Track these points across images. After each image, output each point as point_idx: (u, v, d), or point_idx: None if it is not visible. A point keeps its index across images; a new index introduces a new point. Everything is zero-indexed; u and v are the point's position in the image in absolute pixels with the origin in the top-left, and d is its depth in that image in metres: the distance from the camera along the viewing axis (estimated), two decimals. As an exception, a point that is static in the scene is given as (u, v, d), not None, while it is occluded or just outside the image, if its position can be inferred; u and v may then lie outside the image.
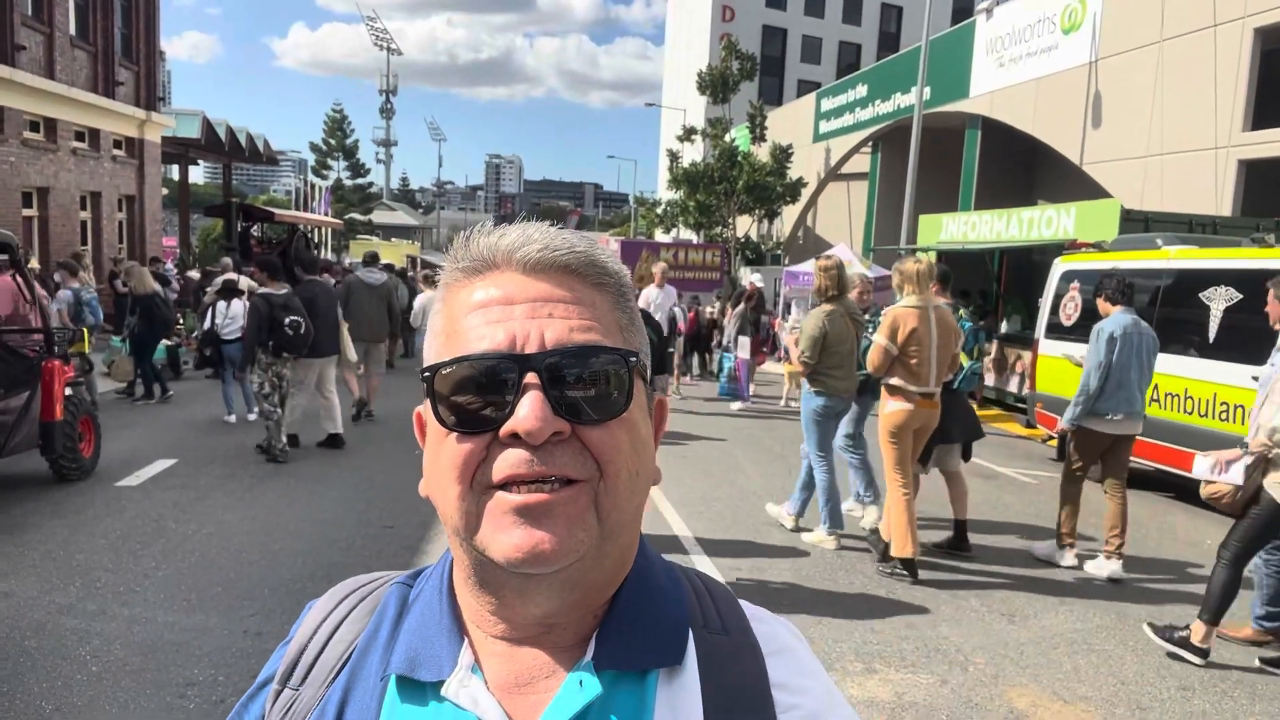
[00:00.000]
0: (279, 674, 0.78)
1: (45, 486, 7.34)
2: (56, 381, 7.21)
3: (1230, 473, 4.50)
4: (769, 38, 47.48)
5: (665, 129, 47.90)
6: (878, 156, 27.65)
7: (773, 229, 33.39)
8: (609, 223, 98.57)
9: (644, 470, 0.72)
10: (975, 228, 16.36)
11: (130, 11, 21.06)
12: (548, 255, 0.72)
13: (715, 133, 30.76)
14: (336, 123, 48.72)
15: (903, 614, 5.18)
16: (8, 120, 16.08)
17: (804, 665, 0.77)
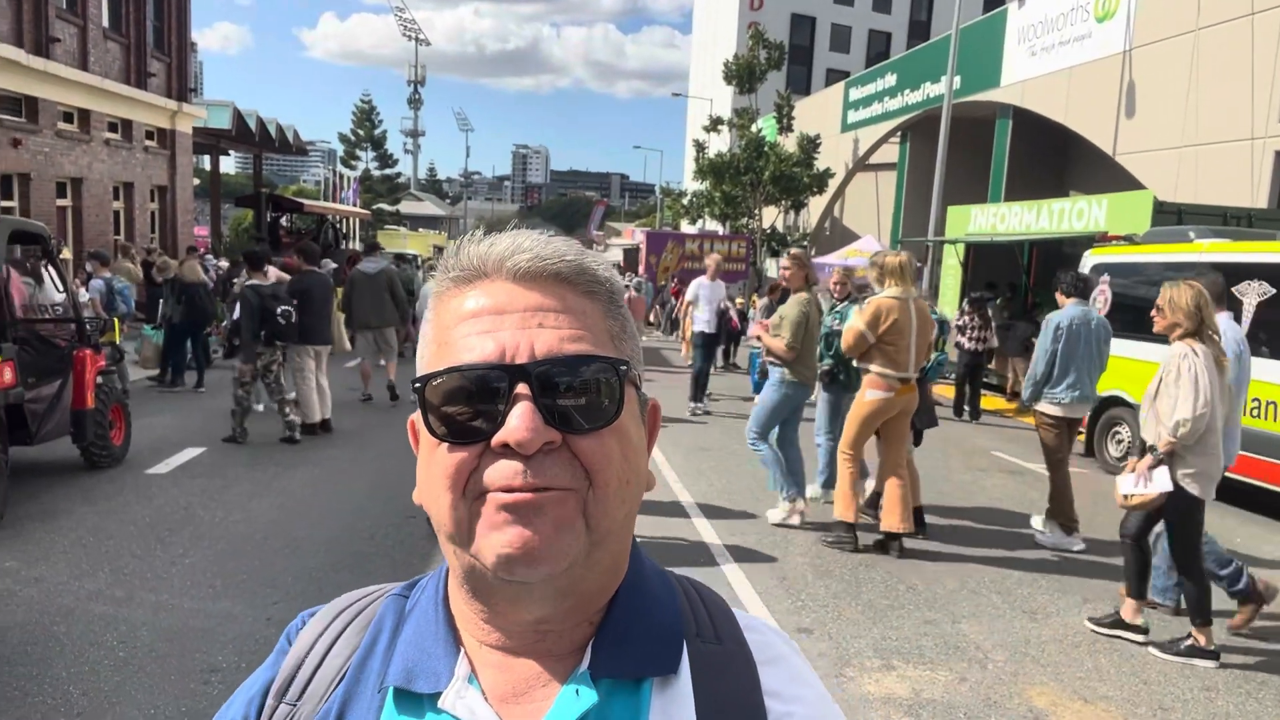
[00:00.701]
0: (275, 687, 0.77)
1: (77, 473, 7.48)
2: (88, 370, 7.34)
3: (1156, 481, 4.56)
4: (797, 26, 47.09)
5: (692, 119, 47.69)
6: (906, 147, 27.37)
7: (799, 220, 33.18)
8: (635, 213, 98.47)
9: (635, 479, 0.72)
10: (1004, 219, 16.16)
11: (162, 3, 21.29)
12: (538, 264, 0.71)
13: (742, 123, 30.60)
14: (365, 113, 49.01)
15: (922, 610, 5.15)
16: (42, 112, 16.33)
17: (797, 673, 0.76)
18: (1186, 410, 4.42)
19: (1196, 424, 4.42)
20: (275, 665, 0.79)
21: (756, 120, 30.91)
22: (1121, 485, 4.72)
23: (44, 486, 7.07)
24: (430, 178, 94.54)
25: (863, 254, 21.16)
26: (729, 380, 15.46)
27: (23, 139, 15.71)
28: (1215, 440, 4.54)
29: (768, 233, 30.78)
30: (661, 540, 6.24)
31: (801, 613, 5.03)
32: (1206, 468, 4.55)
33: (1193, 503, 4.54)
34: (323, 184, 36.80)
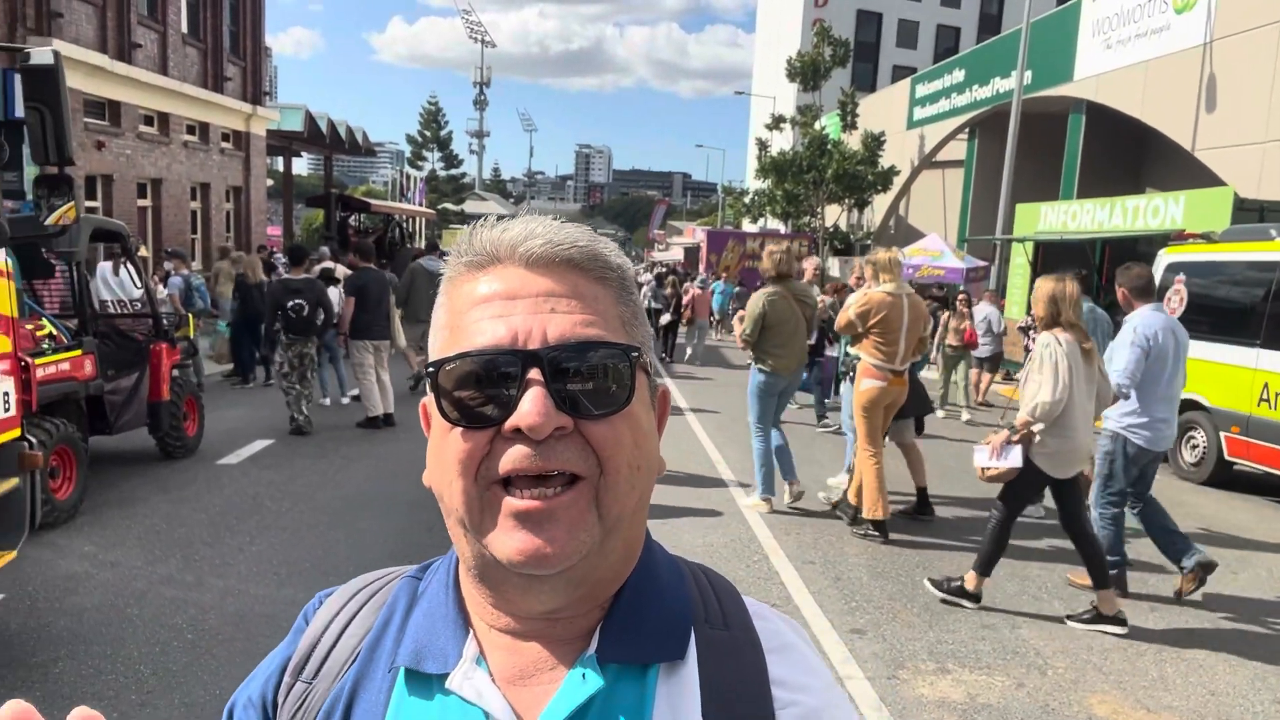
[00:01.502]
0: (291, 666, 0.79)
1: (152, 463, 7.77)
2: (164, 363, 7.62)
3: (1009, 457, 4.89)
4: (863, 22, 46.47)
5: (755, 117, 47.40)
6: (974, 143, 26.80)
7: (863, 218, 32.75)
8: (697, 212, 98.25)
9: (646, 464, 0.72)
10: (1076, 217, 15.72)
11: (238, 9, 21.97)
12: (551, 250, 0.72)
13: (805, 121, 30.32)
14: (432, 115, 49.83)
15: (980, 614, 5.05)
16: (124, 115, 16.99)
17: (805, 662, 0.76)
18: (1046, 395, 4.73)
19: (1053, 408, 4.73)
20: (293, 644, 0.81)
21: (820, 118, 30.59)
22: (978, 459, 5.03)
23: (122, 475, 7.37)
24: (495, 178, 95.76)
25: (927, 252, 20.79)
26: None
27: (106, 141, 16.36)
28: (1071, 424, 4.80)
29: (830, 231, 30.44)
30: (715, 542, 6.23)
31: (855, 614, 4.98)
32: (1060, 448, 4.83)
33: (1036, 472, 4.89)
34: (390, 184, 37.54)
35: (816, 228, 29.97)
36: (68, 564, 5.31)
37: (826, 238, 30.06)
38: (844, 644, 4.55)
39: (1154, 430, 5.28)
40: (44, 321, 6.33)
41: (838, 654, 4.42)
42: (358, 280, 9.49)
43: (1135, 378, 5.19)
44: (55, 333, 6.32)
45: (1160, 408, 5.28)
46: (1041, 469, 4.89)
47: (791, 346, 6.76)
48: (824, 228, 30.10)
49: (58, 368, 6.05)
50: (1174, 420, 5.42)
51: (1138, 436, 5.28)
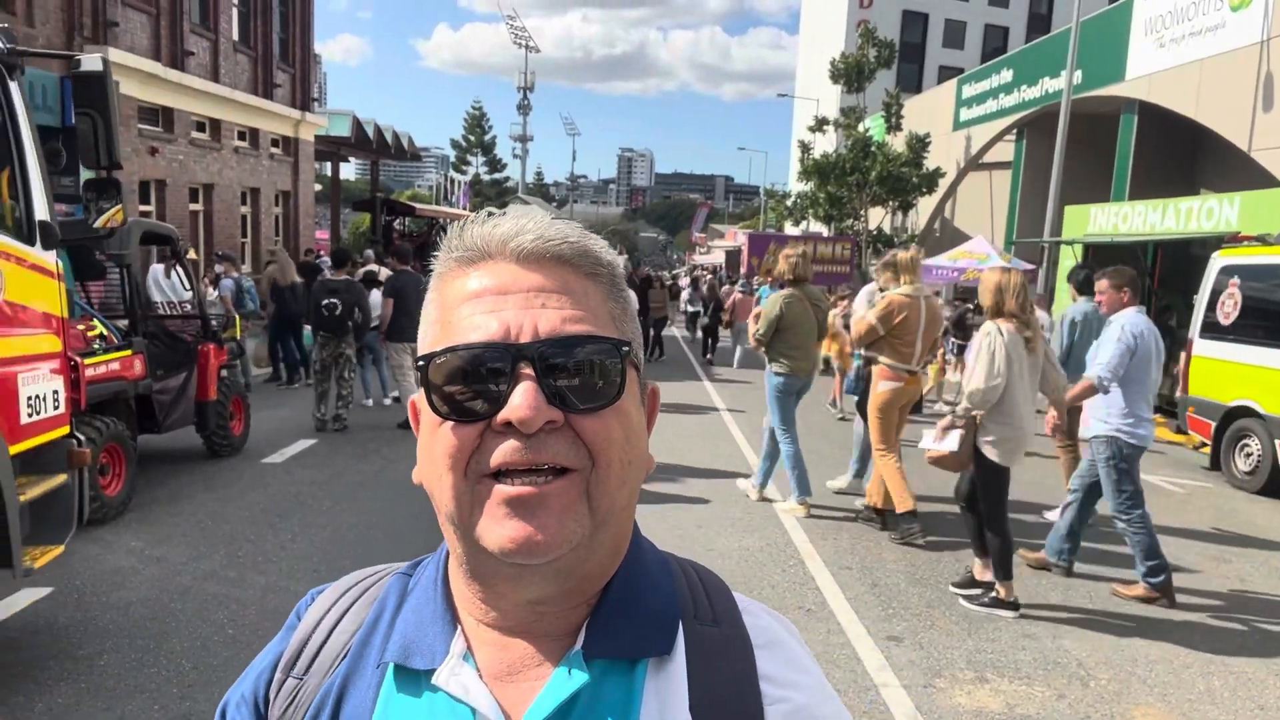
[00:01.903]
0: (283, 663, 0.79)
1: (200, 461, 7.93)
2: (211, 364, 7.79)
3: (947, 440, 5.09)
4: (909, 23, 45.91)
5: (797, 120, 47.09)
6: (1022, 144, 26.33)
7: (907, 221, 32.37)
8: (739, 215, 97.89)
9: (636, 459, 0.73)
10: (1127, 219, 15.38)
11: (287, 17, 22.39)
12: (541, 245, 0.72)
13: (848, 123, 30.05)
14: (476, 120, 50.35)
15: (1022, 623, 4.95)
16: (177, 121, 17.40)
17: (794, 659, 0.76)
18: (979, 380, 4.89)
19: (987, 393, 4.87)
20: (284, 641, 0.81)
21: (864, 120, 30.30)
22: (923, 441, 5.28)
23: (170, 473, 7.53)
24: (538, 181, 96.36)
25: (972, 255, 20.48)
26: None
27: (159, 147, 16.77)
28: (1014, 411, 4.93)
29: (874, 234, 30.14)
30: (751, 546, 6.19)
31: (892, 620, 4.91)
32: (1003, 435, 4.95)
33: (993, 467, 5.01)
34: (435, 189, 37.96)
35: (860, 231, 29.67)
36: (115, 559, 5.45)
37: (870, 241, 29.74)
38: (880, 651, 4.49)
39: (1144, 428, 5.36)
40: (95, 322, 6.50)
41: (873, 661, 4.37)
42: (396, 282, 9.62)
43: (1118, 373, 5.26)
44: (106, 333, 6.49)
45: (1144, 407, 5.38)
46: (992, 460, 5.00)
47: (806, 348, 6.91)
48: (867, 231, 29.78)
49: (108, 367, 6.20)
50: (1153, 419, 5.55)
51: (1131, 436, 5.33)
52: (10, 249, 3.79)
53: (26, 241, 3.94)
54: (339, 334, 9.22)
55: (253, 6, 20.42)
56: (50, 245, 4.09)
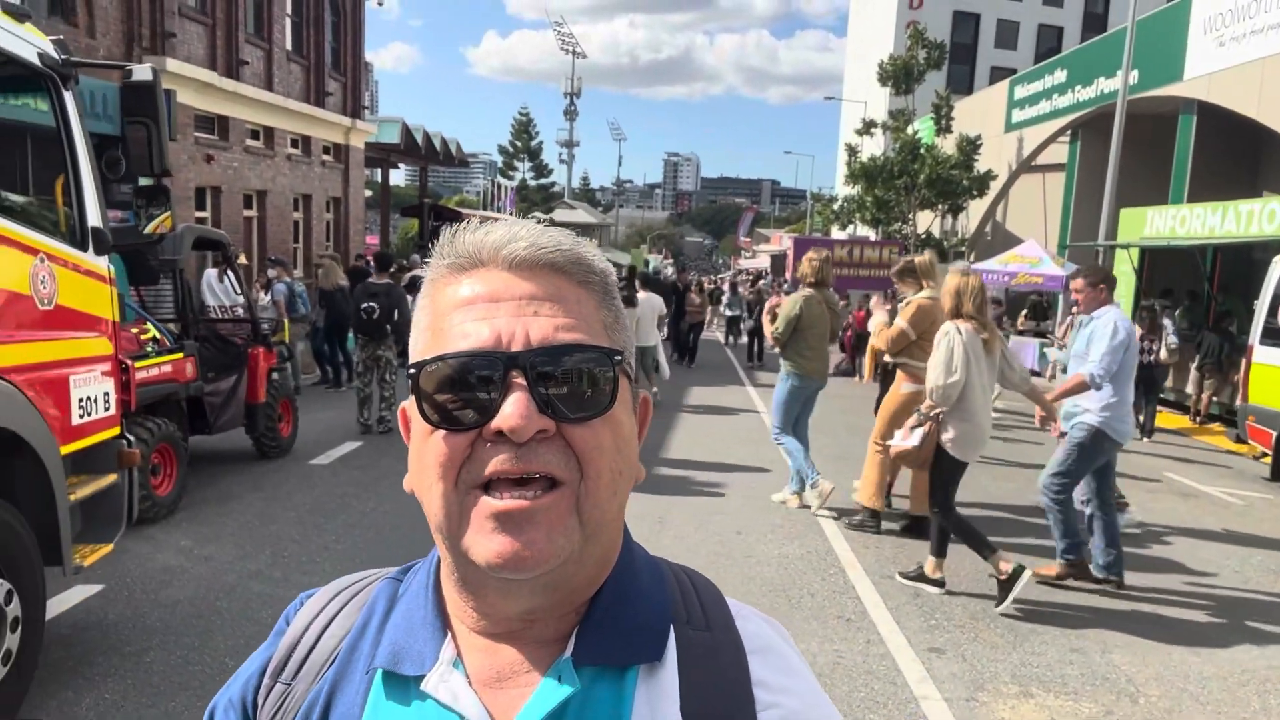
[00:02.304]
0: (271, 668, 0.79)
1: (249, 462, 8.09)
2: (260, 367, 7.94)
3: (912, 437, 5.32)
4: (960, 24, 45.25)
5: (845, 123, 46.67)
6: (1076, 146, 25.78)
7: (957, 224, 31.88)
8: (785, 219, 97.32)
9: (627, 469, 0.72)
10: (1185, 222, 14.97)
11: (339, 26, 22.79)
12: (534, 253, 0.72)
13: (897, 125, 29.70)
14: (523, 126, 50.75)
15: (1069, 637, 4.83)
16: (232, 129, 17.79)
17: (787, 664, 0.75)
18: (938, 379, 5.06)
19: (947, 390, 5.04)
20: (273, 645, 0.81)
21: (913, 122, 29.93)
22: (893, 440, 5.53)
23: (220, 473, 7.69)
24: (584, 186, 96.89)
25: (1024, 259, 20.10)
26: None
27: (215, 155, 17.16)
28: (971, 408, 5.10)
29: (923, 238, 29.74)
30: (791, 553, 6.12)
31: (934, 632, 4.82)
32: (962, 431, 5.12)
33: (952, 462, 5.21)
34: (482, 194, 38.36)
35: (908, 234, 29.31)
36: (165, 557, 5.57)
37: (919, 244, 29.35)
38: (921, 663, 4.41)
39: (1125, 424, 5.48)
40: (148, 325, 6.66)
41: (913, 673, 4.29)
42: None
43: (1111, 370, 5.31)
44: (159, 336, 6.64)
45: (1129, 401, 5.51)
46: (951, 454, 5.17)
47: (820, 349, 7.04)
48: (915, 234, 29.40)
49: (160, 370, 6.35)
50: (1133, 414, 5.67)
51: (1115, 432, 5.42)
52: (64, 254, 3.90)
53: (79, 247, 4.05)
54: (377, 337, 9.36)
55: (305, 16, 20.82)
56: (102, 251, 4.20)
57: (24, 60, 3.72)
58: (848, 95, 48.55)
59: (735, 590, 5.28)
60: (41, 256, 3.70)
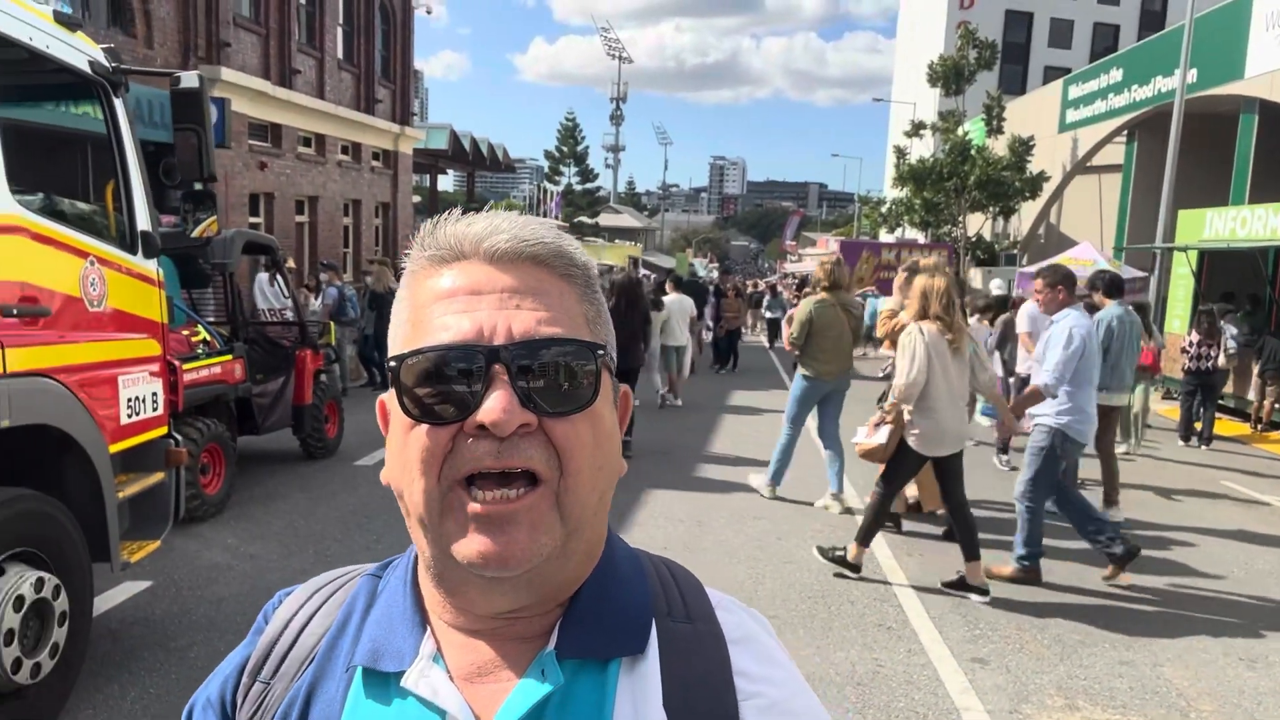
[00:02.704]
0: (250, 667, 0.78)
1: (295, 462, 8.22)
2: (307, 369, 8.07)
3: (877, 434, 5.49)
4: (1012, 23, 44.51)
5: (894, 125, 46.17)
6: (1133, 146, 25.17)
7: (1009, 227, 31.32)
8: (832, 223, 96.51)
9: (607, 464, 0.72)
10: (1246, 224, 14.51)
11: (389, 35, 23.14)
12: (516, 246, 0.71)
13: (947, 126, 29.28)
14: (569, 131, 51.06)
15: (1119, 649, 4.69)
16: (285, 137, 18.15)
17: (768, 654, 0.75)
18: (901, 378, 5.21)
19: (908, 389, 5.17)
20: (252, 643, 0.80)
21: (964, 123, 29.48)
22: (856, 435, 5.66)
23: (267, 473, 7.83)
24: (629, 191, 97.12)
25: (1078, 262, 19.64)
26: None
27: (268, 162, 17.53)
28: (935, 406, 5.20)
29: (973, 241, 29.27)
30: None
31: (978, 642, 4.71)
32: (925, 428, 5.23)
33: (912, 456, 5.36)
34: (527, 199, 38.66)
35: (957, 237, 28.86)
36: (212, 555, 5.68)
37: (969, 248, 28.90)
38: (963, 673, 4.31)
39: (1085, 425, 5.54)
40: (199, 328, 6.81)
41: (955, 684, 4.19)
42: None
43: (1065, 377, 5.37)
44: (209, 338, 6.79)
45: (1090, 403, 5.56)
46: (912, 447, 5.32)
47: (834, 352, 7.12)
48: (965, 237, 28.95)
49: (209, 371, 6.48)
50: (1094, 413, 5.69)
51: (1075, 433, 5.48)
52: (114, 257, 4.00)
53: (129, 250, 4.15)
54: None
55: (356, 25, 21.18)
56: (151, 254, 4.29)
57: (75, 68, 3.83)
58: (897, 97, 48.05)
59: (772, 596, 5.23)
60: (92, 259, 3.80)
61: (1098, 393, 6.98)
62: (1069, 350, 5.33)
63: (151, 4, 14.08)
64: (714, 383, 14.87)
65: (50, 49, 3.66)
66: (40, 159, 4.29)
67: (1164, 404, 14.02)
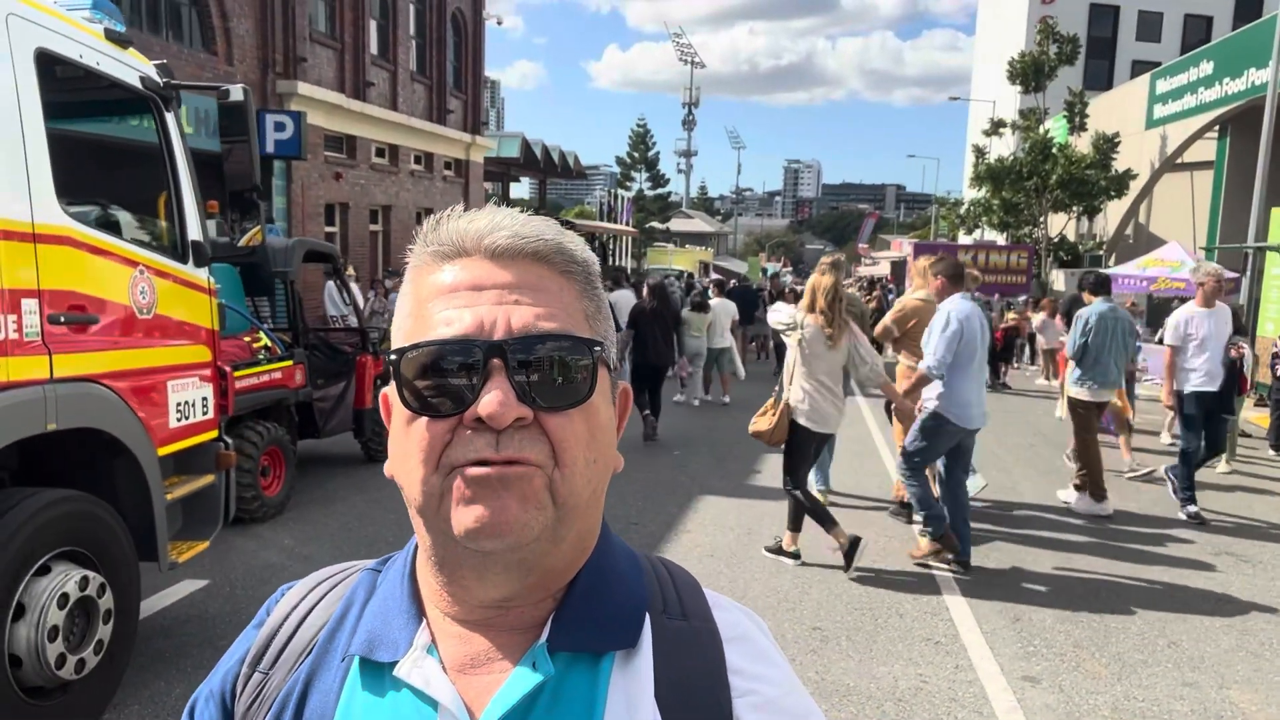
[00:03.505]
0: (249, 657, 0.80)
1: (356, 465, 8.40)
2: (367, 374, 8.23)
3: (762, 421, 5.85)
4: (1097, 17, 42.99)
5: (973, 124, 45.05)
6: (1226, 142, 24.06)
7: (1094, 227, 30.24)
8: (910, 225, 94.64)
9: (602, 458, 0.73)
10: (1346, 221, 13.69)
11: (460, 46, 23.59)
12: (516, 242, 0.72)
13: (1027, 124, 28.44)
14: (639, 137, 51.25)
15: (1183, 669, 4.44)
16: (359, 148, 18.65)
17: (763, 652, 0.77)
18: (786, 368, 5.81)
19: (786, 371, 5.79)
20: (253, 635, 0.83)
21: (1045, 121, 28.59)
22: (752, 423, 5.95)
23: (327, 475, 8.02)
24: (701, 195, 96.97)
25: (1164, 263, 18.85)
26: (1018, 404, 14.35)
27: (343, 173, 18.03)
28: (819, 388, 5.64)
29: (1055, 242, 28.34)
30: (883, 569, 5.88)
31: (1030, 659, 4.52)
32: (812, 408, 5.64)
33: (803, 433, 5.69)
34: (599, 205, 38.94)
35: (1038, 238, 27.98)
36: (268, 555, 5.83)
37: (1050, 249, 27.99)
38: (1012, 692, 4.14)
39: (964, 409, 5.69)
40: (261, 334, 7.01)
41: (1003, 703, 4.03)
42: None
43: (945, 362, 5.60)
44: (270, 345, 6.99)
45: (970, 388, 5.73)
46: (802, 425, 5.66)
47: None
48: (1047, 238, 28.04)
49: (270, 376, 6.66)
50: (983, 400, 5.87)
51: (951, 415, 5.69)
52: (164, 266, 4.13)
53: (180, 260, 4.28)
54: None
55: (429, 38, 21.65)
56: (201, 263, 4.43)
57: (126, 84, 3.97)
58: (976, 95, 46.92)
59: (817, 607, 5.11)
60: (141, 268, 3.93)
61: (1079, 387, 7.39)
62: (946, 334, 5.60)
63: (231, 23, 14.63)
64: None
65: (101, 65, 3.81)
66: (93, 171, 4.47)
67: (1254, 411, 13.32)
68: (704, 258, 40.58)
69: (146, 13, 13.28)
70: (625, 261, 34.98)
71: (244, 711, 0.78)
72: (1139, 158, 27.04)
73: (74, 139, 4.18)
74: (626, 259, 31.99)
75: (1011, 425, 11.75)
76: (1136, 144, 27.24)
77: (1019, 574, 5.82)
